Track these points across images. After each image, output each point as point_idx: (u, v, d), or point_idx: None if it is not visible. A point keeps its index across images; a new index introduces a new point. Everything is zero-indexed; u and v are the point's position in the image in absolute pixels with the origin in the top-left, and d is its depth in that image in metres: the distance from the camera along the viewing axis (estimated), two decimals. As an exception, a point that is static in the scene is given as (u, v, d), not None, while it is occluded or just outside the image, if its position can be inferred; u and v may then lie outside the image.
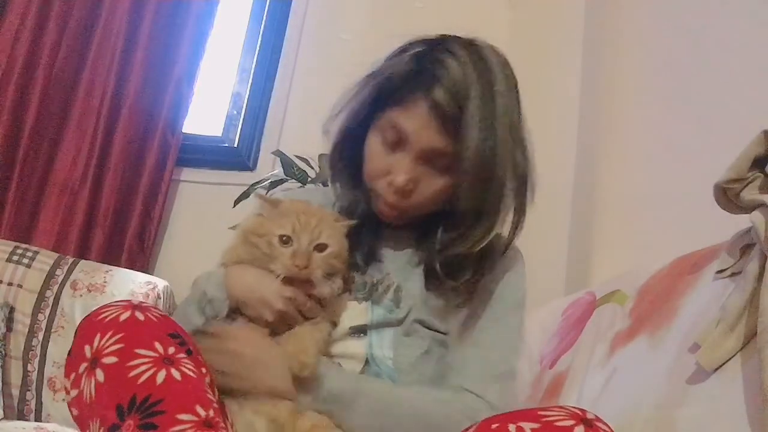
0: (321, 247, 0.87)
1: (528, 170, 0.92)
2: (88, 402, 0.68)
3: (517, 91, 0.92)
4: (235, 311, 0.90)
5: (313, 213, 0.90)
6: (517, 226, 0.94)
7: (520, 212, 0.93)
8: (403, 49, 0.92)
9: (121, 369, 0.67)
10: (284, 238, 0.86)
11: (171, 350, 0.70)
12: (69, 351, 0.73)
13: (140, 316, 0.72)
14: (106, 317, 0.72)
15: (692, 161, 1.35)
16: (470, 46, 0.89)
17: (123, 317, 0.71)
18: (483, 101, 0.84)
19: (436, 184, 0.90)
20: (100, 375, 0.67)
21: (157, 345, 0.70)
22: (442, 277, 0.92)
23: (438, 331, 0.94)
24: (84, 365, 0.69)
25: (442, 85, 0.84)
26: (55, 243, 2.12)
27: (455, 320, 0.95)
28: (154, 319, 0.73)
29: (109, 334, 0.69)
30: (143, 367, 0.67)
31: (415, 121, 0.86)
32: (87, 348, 0.69)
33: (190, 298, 0.93)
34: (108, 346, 0.68)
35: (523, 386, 1.30)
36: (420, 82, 0.86)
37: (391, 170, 0.89)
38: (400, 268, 0.97)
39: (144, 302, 0.76)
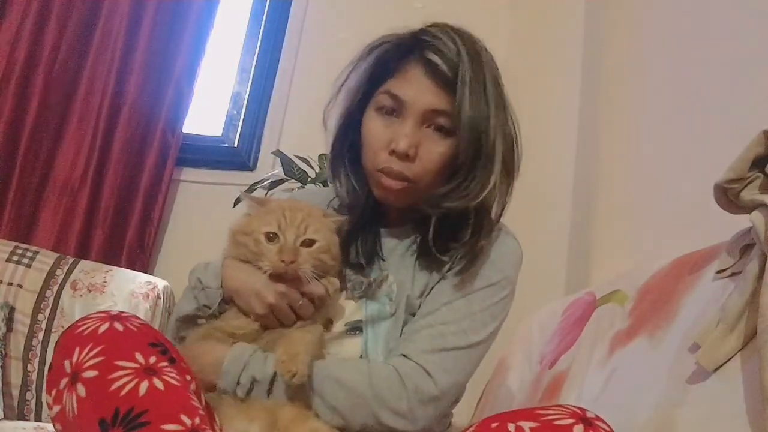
0: (308, 243, 0.87)
1: (515, 139, 0.95)
2: (71, 417, 0.67)
3: (498, 71, 0.95)
4: (228, 302, 0.90)
5: (300, 209, 0.90)
6: (506, 192, 0.95)
7: (509, 180, 0.94)
8: (389, 33, 0.96)
9: (102, 382, 0.66)
10: (270, 235, 0.87)
11: (152, 360, 0.70)
12: (49, 366, 0.72)
13: (119, 326, 0.72)
14: (84, 330, 0.71)
15: (692, 161, 1.35)
16: (453, 28, 0.93)
17: (101, 329, 0.71)
18: (473, 65, 0.88)
19: (437, 148, 0.91)
20: (81, 390, 0.66)
21: (138, 355, 0.69)
22: (433, 248, 0.92)
23: None
24: (65, 380, 0.68)
25: (435, 49, 0.89)
26: (55, 243, 2.12)
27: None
28: (134, 328, 0.72)
29: (89, 347, 0.69)
30: (125, 379, 0.66)
31: (412, 85, 0.90)
32: (67, 363, 0.69)
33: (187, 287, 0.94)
34: (87, 360, 0.68)
35: (523, 386, 1.30)
36: (413, 49, 0.91)
37: (392, 139, 0.90)
38: (396, 261, 0.97)
39: (124, 312, 0.75)
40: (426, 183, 0.93)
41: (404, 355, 0.88)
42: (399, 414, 0.84)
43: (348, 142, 0.98)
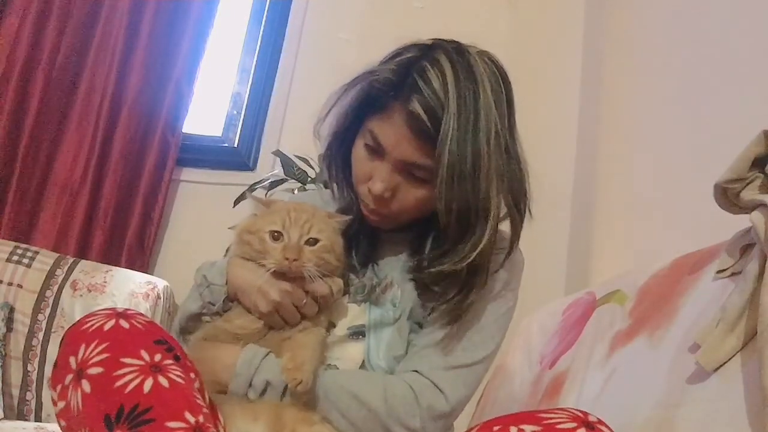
0: (312, 242, 0.88)
1: (522, 184, 0.90)
2: (76, 414, 0.67)
3: (509, 103, 0.89)
4: (233, 300, 0.91)
5: (305, 209, 0.91)
6: (512, 244, 0.93)
7: (515, 229, 0.91)
8: (392, 56, 0.90)
9: (107, 379, 0.66)
10: (275, 234, 0.88)
11: (158, 357, 0.70)
12: (54, 362, 0.72)
13: (125, 324, 0.72)
14: (90, 327, 0.71)
15: (692, 161, 1.35)
16: (459, 55, 0.86)
17: (107, 326, 0.71)
18: (462, 116, 0.81)
19: (415, 194, 0.89)
20: (86, 386, 0.67)
21: (143, 353, 0.69)
22: (432, 290, 0.91)
23: None
24: (70, 377, 0.68)
25: (421, 98, 0.82)
26: (55, 243, 2.12)
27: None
28: (139, 326, 0.73)
29: (94, 344, 0.69)
30: (130, 376, 0.66)
31: (391, 132, 0.86)
32: (72, 359, 0.69)
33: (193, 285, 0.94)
34: (93, 357, 0.68)
35: (523, 386, 1.30)
36: (400, 92, 0.84)
37: (372, 176, 0.89)
38: (397, 270, 0.97)
39: (129, 309, 0.75)
40: (407, 218, 0.93)
41: (416, 371, 0.89)
42: (411, 429, 0.85)
43: (339, 158, 0.98)
